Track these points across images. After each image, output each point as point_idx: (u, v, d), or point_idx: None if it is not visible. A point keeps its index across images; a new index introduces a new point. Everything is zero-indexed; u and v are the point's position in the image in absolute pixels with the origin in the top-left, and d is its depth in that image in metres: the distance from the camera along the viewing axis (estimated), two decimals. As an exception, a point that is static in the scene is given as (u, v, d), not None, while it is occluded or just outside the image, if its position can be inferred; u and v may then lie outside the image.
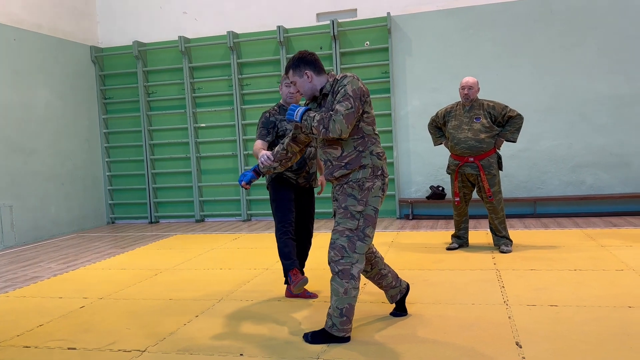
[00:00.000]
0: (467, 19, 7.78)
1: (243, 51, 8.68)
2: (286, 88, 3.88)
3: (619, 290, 3.85)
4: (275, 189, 3.95)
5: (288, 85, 3.86)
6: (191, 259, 5.83)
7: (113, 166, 9.36)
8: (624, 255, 4.89)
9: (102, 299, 4.35)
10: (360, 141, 3.08)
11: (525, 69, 7.63)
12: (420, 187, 8.13)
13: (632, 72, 7.32)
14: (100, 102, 9.21)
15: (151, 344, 3.26)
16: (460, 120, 5.35)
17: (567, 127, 7.57)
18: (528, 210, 7.70)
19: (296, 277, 3.75)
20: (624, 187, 7.45)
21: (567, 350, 2.85)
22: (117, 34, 9.22)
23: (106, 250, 6.71)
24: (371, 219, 3.08)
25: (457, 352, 2.92)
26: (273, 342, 3.20)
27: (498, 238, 5.42)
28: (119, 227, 8.81)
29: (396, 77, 8.07)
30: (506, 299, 3.79)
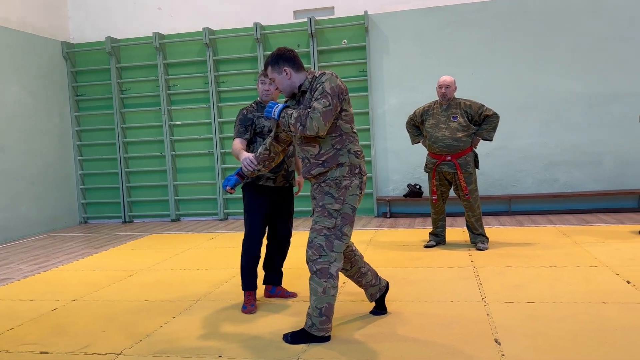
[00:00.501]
0: (443, 18, 7.83)
1: (219, 48, 8.59)
2: (261, 85, 3.82)
3: (594, 287, 3.91)
4: (249, 197, 3.84)
5: (263, 82, 3.81)
6: (167, 259, 5.74)
7: (85, 165, 9.16)
8: (598, 252, 4.98)
9: (75, 301, 4.24)
10: (338, 139, 3.06)
11: (501, 69, 7.71)
12: (397, 186, 8.16)
13: (604, 72, 7.46)
14: (72, 99, 9.01)
15: (127, 347, 3.19)
16: (438, 119, 5.37)
17: (541, 126, 7.69)
18: (503, 208, 7.80)
19: (248, 301, 3.77)
20: (596, 185, 7.60)
21: (545, 347, 2.88)
22: (89, 30, 9.02)
23: (79, 250, 6.56)
24: (349, 218, 3.06)
25: (437, 350, 2.92)
26: (252, 343, 3.16)
27: (475, 235, 5.47)
28: (92, 227, 8.63)
29: (374, 75, 8.09)
30: (484, 296, 3.82)
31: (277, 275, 4.06)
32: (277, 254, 4.04)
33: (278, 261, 4.06)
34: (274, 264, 4.05)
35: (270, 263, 4.06)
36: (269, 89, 3.81)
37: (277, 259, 4.05)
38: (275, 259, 4.05)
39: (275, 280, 4.06)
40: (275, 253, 4.04)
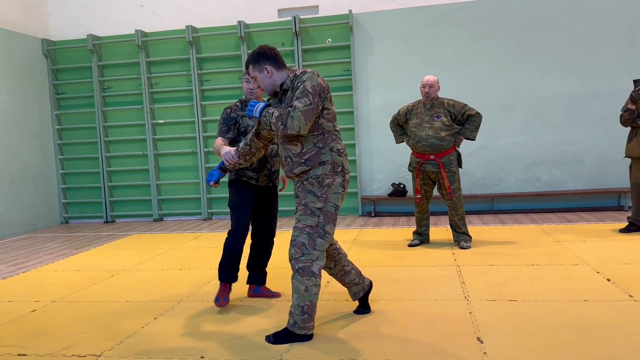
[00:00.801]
0: (427, 18, 7.86)
1: (203, 46, 8.52)
2: (246, 84, 3.80)
3: (575, 285, 3.95)
4: (234, 193, 3.83)
5: (248, 81, 3.78)
6: (149, 259, 5.68)
7: (66, 164, 9.04)
8: (579, 250, 5.04)
9: (55, 302, 4.18)
10: (320, 137, 3.05)
11: (484, 68, 7.77)
12: (382, 185, 8.18)
13: (585, 72, 7.55)
14: (53, 97, 8.88)
15: (107, 348, 3.14)
16: (422, 118, 5.39)
17: (523, 126, 7.76)
18: (486, 207, 7.86)
19: (221, 294, 3.75)
20: (577, 184, 7.70)
21: (527, 345, 2.90)
22: (70, 27, 8.90)
23: (59, 251, 6.47)
24: (331, 216, 3.06)
25: (420, 348, 2.93)
26: (235, 343, 3.14)
27: (458, 234, 5.50)
28: (73, 227, 8.51)
29: (358, 74, 8.09)
30: (467, 295, 3.84)
31: (261, 275, 4.04)
32: (261, 253, 4.02)
33: (262, 260, 4.04)
34: (258, 264, 4.03)
35: (254, 262, 4.03)
36: (253, 87, 3.79)
37: (261, 259, 4.03)
38: (259, 259, 4.03)
39: (259, 280, 4.04)
40: (260, 252, 4.02)
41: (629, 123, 5.60)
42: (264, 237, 4.00)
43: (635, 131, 5.58)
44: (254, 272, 4.04)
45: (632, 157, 5.66)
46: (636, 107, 5.51)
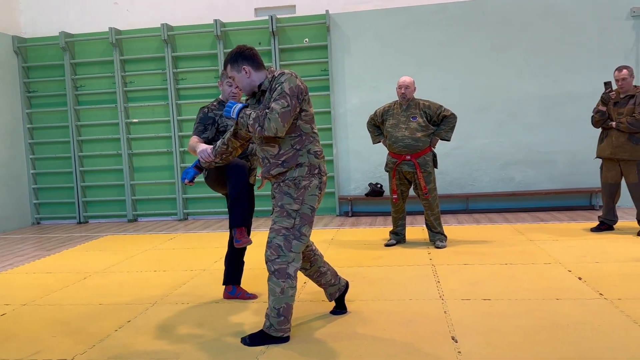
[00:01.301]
0: (403, 19, 7.91)
1: (178, 44, 8.43)
2: (228, 87, 3.74)
3: (547, 283, 4.02)
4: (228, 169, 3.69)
5: (230, 85, 3.74)
6: (123, 260, 5.59)
7: (38, 163, 8.84)
8: (551, 249, 5.13)
9: (26, 305, 4.08)
10: (297, 139, 3.04)
11: (459, 70, 7.85)
12: (359, 185, 8.20)
13: (558, 74, 7.69)
14: (24, 96, 8.68)
15: (79, 352, 3.09)
16: (398, 119, 5.42)
17: (498, 126, 7.87)
18: (461, 207, 7.94)
19: (241, 235, 3.60)
20: (550, 184, 7.83)
21: (500, 343, 2.94)
22: (42, 24, 8.71)
23: (30, 252, 6.33)
24: (307, 218, 3.05)
25: (396, 348, 2.94)
26: (210, 346, 3.11)
27: (433, 234, 5.55)
28: (45, 228, 8.34)
29: (335, 75, 8.10)
30: (442, 294, 3.87)
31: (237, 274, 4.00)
32: (238, 253, 3.98)
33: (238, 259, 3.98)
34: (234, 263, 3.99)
35: (230, 262, 4.00)
36: (237, 92, 3.76)
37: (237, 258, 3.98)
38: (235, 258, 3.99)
39: (234, 280, 4.00)
40: (237, 252, 3.98)
41: (600, 124, 5.71)
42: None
43: (606, 132, 5.70)
44: (229, 272, 4.00)
45: (602, 157, 5.78)
46: (607, 108, 5.63)
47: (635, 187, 5.58)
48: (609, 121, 5.63)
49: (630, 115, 5.47)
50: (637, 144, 5.49)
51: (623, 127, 5.48)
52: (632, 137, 5.50)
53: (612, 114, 5.62)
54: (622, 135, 5.54)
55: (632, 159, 5.52)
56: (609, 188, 5.77)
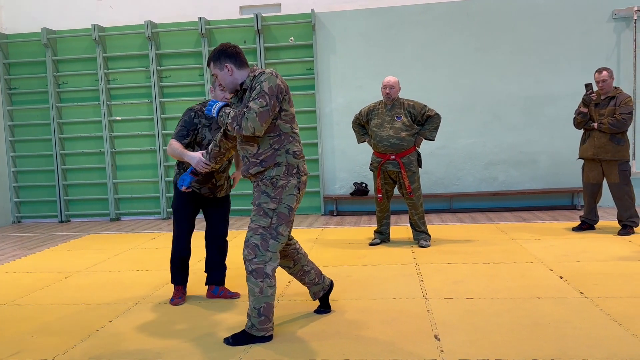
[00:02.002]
0: (388, 19, 7.93)
1: (162, 42, 8.36)
2: (221, 92, 3.59)
3: (529, 282, 4.06)
4: (176, 197, 3.85)
5: (223, 90, 3.57)
6: (105, 260, 5.53)
7: (19, 161, 8.71)
8: (533, 248, 5.19)
9: (5, 305, 4.02)
10: (276, 139, 3.03)
11: (443, 70, 7.89)
12: (344, 184, 8.21)
13: (541, 75, 7.77)
14: (5, 93, 8.54)
15: (60, 353, 3.05)
16: (383, 118, 5.44)
17: (481, 126, 7.93)
18: (445, 206, 7.99)
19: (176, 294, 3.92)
20: (532, 184, 7.92)
21: (483, 341, 2.96)
22: (23, 20, 8.58)
23: (10, 252, 6.23)
24: (285, 217, 3.04)
25: (379, 347, 2.95)
26: (193, 345, 3.09)
27: (417, 233, 5.57)
28: (26, 227, 8.22)
29: (321, 74, 8.10)
30: (425, 293, 3.89)
31: (220, 275, 4.00)
32: (215, 253, 3.98)
33: (217, 260, 3.98)
34: (215, 264, 3.99)
35: (210, 264, 4.00)
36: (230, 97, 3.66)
37: (217, 258, 3.98)
38: (215, 259, 3.99)
39: (216, 280, 3.99)
40: (214, 253, 3.98)
41: (581, 125, 5.79)
42: (216, 237, 3.97)
43: (588, 133, 5.77)
44: (211, 273, 4.00)
45: (584, 158, 5.86)
46: (588, 110, 5.70)
47: (617, 187, 5.66)
48: (590, 122, 5.71)
49: (612, 116, 5.54)
50: (618, 144, 5.57)
51: (605, 127, 5.56)
52: (614, 137, 5.57)
53: (594, 115, 5.70)
54: (603, 136, 5.61)
55: (614, 159, 5.60)
56: (590, 188, 5.85)
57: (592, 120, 5.71)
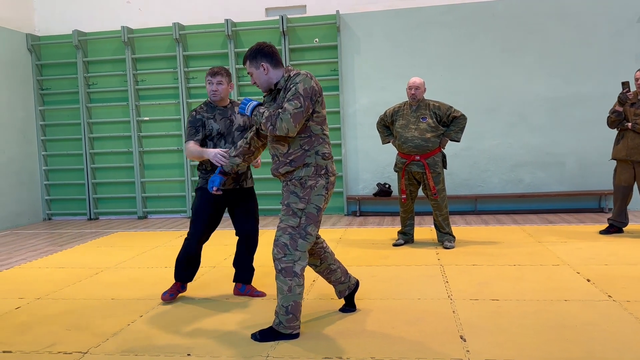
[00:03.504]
0: (413, 19, 7.93)
1: (189, 44, 8.50)
2: (209, 86, 3.80)
3: (556, 285, 4.03)
4: (197, 199, 3.91)
5: (210, 83, 3.79)
6: (134, 257, 5.66)
7: (50, 160, 8.95)
8: (560, 251, 5.14)
9: (40, 299, 4.15)
10: (307, 140, 3.07)
11: (468, 71, 7.86)
12: (367, 185, 8.23)
13: (568, 76, 7.68)
14: (37, 93, 8.79)
15: (93, 345, 3.14)
16: (408, 119, 5.45)
17: (507, 128, 7.87)
18: (469, 207, 7.95)
19: (171, 290, 3.99)
20: (559, 186, 7.83)
21: (508, 343, 2.96)
22: (55, 22, 8.81)
23: (43, 248, 6.41)
24: (313, 217, 3.08)
25: (404, 346, 2.97)
26: (221, 341, 3.16)
27: (442, 234, 5.57)
28: (56, 224, 8.44)
29: (345, 75, 8.13)
30: (450, 294, 3.90)
31: (247, 273, 4.05)
32: (244, 251, 4.02)
33: (246, 258, 4.03)
34: (242, 262, 4.04)
35: (238, 261, 4.05)
36: (216, 89, 3.79)
37: (245, 256, 4.03)
38: (243, 256, 4.03)
39: (244, 278, 4.05)
40: (243, 250, 4.02)
41: (615, 125, 5.68)
42: (245, 233, 3.98)
43: (622, 133, 5.66)
44: (239, 270, 4.05)
45: (617, 159, 5.75)
46: (623, 109, 5.59)
47: (648, 190, 5.55)
48: (624, 122, 5.59)
49: (646, 117, 5.43)
50: (652, 146, 5.46)
51: (639, 128, 5.45)
52: (648, 138, 5.46)
53: (629, 115, 5.58)
54: (637, 137, 5.51)
55: (647, 161, 5.49)
56: (622, 190, 5.74)
57: (626, 119, 5.60)
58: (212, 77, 3.80)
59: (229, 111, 3.89)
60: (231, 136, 3.83)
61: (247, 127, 3.86)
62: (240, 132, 3.85)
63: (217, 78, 3.80)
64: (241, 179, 3.90)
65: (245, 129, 3.86)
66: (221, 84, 3.81)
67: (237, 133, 3.84)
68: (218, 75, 3.81)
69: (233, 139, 3.82)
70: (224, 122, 3.83)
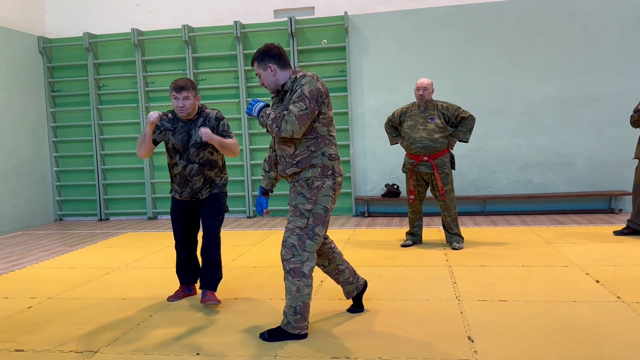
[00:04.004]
0: (421, 20, 7.93)
1: (199, 45, 8.56)
2: (175, 101, 3.67)
3: (564, 286, 4.02)
4: (171, 206, 4.05)
5: (176, 98, 3.65)
6: (144, 257, 5.71)
7: (61, 161, 9.04)
8: (569, 252, 5.12)
9: (51, 299, 4.21)
10: (313, 141, 3.09)
11: (477, 71, 7.84)
12: (375, 185, 8.24)
13: (577, 76, 7.64)
14: (48, 95, 8.88)
15: (104, 345, 3.18)
16: (416, 120, 5.45)
17: (516, 128, 7.85)
18: (478, 208, 7.93)
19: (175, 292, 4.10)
20: (569, 186, 7.79)
21: (516, 344, 2.96)
22: (66, 25, 8.90)
23: (54, 248, 6.48)
24: (321, 218, 3.10)
25: (412, 346, 2.98)
26: (230, 340, 3.18)
27: (450, 235, 5.57)
28: (67, 225, 8.52)
29: (353, 76, 8.15)
30: (458, 295, 3.90)
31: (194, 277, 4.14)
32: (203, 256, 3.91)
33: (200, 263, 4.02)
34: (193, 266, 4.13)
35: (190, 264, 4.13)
36: (183, 104, 3.67)
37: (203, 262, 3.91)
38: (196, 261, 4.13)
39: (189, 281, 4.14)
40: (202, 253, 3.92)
41: (638, 124, 5.64)
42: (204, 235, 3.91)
43: None
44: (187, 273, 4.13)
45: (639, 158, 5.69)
46: None
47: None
48: None
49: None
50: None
51: None
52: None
53: None
54: None
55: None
56: None
57: None
58: (178, 92, 3.63)
59: (191, 125, 3.76)
60: (186, 153, 3.74)
61: (204, 144, 3.73)
62: (196, 148, 3.73)
63: (183, 93, 3.64)
64: (197, 193, 3.85)
65: (202, 145, 3.74)
66: (188, 99, 3.66)
67: (192, 149, 3.74)
68: (184, 91, 3.64)
69: (188, 155, 3.74)
70: (181, 138, 3.74)
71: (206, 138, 3.57)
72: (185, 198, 3.88)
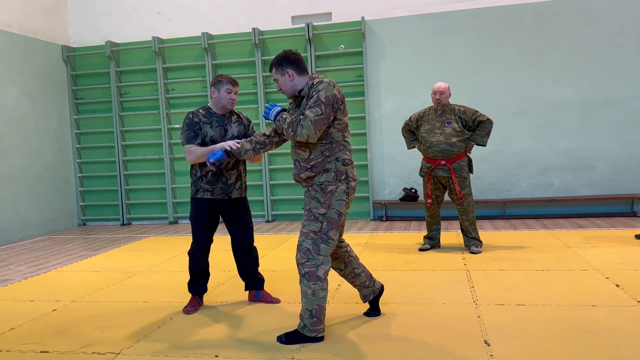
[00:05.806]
0: (438, 24, 7.93)
1: (218, 52, 8.68)
2: (228, 94, 3.81)
3: (583, 290, 3.99)
4: (192, 209, 3.92)
5: (230, 92, 3.81)
6: (165, 261, 5.81)
7: (84, 167, 9.23)
8: (589, 256, 5.07)
9: (75, 302, 4.31)
10: (327, 146, 3.14)
11: (495, 74, 7.81)
12: (393, 189, 8.24)
13: (596, 78, 7.56)
14: (72, 103, 9.09)
15: (126, 347, 3.26)
16: (433, 124, 5.46)
17: (535, 131, 7.79)
18: (497, 212, 7.88)
19: (190, 303, 3.98)
20: (589, 190, 7.69)
21: (533, 348, 2.96)
22: (89, 34, 9.11)
23: (78, 252, 6.63)
24: (334, 222, 3.14)
25: (428, 350, 3.00)
26: (248, 343, 3.24)
27: (468, 239, 5.55)
28: (91, 229, 8.69)
29: (370, 80, 8.18)
30: (476, 299, 3.90)
31: (256, 281, 4.10)
32: (245, 261, 4.04)
33: (249, 268, 4.06)
34: (248, 272, 4.08)
35: (243, 271, 4.09)
36: (234, 98, 3.84)
37: (249, 266, 4.05)
38: (246, 267, 4.06)
39: (255, 286, 4.11)
40: (245, 261, 4.04)
41: None
42: (242, 246, 4.01)
43: None
44: (247, 280, 4.10)
45: None
46: None
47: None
48: None
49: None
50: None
51: None
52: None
53: None
54: None
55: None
56: None
57: None
58: (233, 86, 3.83)
59: (226, 120, 3.88)
60: None
61: (240, 138, 3.84)
62: None
63: (236, 88, 3.87)
64: (230, 189, 3.86)
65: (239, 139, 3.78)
66: (237, 94, 3.89)
67: None
68: (237, 86, 3.88)
69: None
70: (219, 130, 3.82)
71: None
72: (217, 195, 3.83)
